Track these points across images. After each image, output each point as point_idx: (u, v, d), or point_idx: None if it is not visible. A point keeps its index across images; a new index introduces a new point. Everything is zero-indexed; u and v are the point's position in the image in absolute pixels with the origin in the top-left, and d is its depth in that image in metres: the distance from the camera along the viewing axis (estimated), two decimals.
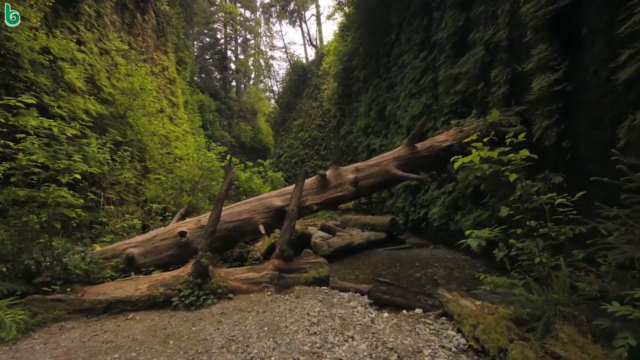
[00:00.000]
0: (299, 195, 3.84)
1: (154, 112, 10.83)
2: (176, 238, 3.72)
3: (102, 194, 6.59)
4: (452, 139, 4.60)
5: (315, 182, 4.20)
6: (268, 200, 3.99)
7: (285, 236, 3.70)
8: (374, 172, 4.28)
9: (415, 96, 10.03)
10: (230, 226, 3.81)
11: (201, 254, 3.13)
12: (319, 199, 4.08)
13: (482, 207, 6.10)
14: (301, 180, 3.86)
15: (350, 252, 6.83)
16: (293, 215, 3.78)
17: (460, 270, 5.34)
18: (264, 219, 3.90)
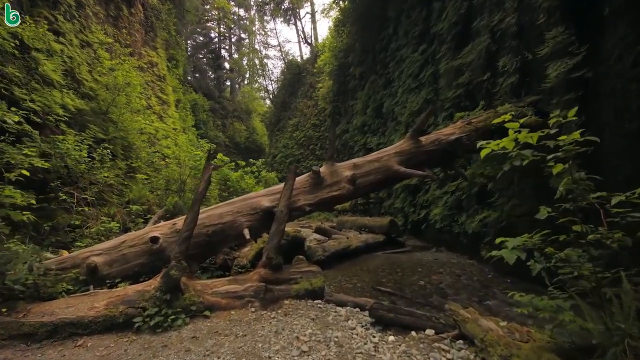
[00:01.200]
0: (288, 195, 3.35)
1: (140, 108, 10.27)
2: (147, 245, 3.21)
3: (76, 194, 6.04)
4: (460, 131, 4.14)
5: (308, 180, 3.71)
6: (254, 200, 3.50)
7: (273, 242, 3.21)
8: (374, 168, 3.80)
9: (414, 91, 9.59)
10: (210, 230, 3.31)
11: (171, 265, 2.62)
12: (312, 199, 3.60)
13: (489, 207, 5.65)
14: (291, 177, 3.38)
15: (347, 256, 6.35)
16: (282, 218, 3.29)
17: (468, 277, 4.87)
18: (249, 222, 3.40)
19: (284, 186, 3.43)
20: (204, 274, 3.62)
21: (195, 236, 3.29)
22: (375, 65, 13.44)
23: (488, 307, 3.71)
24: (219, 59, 42.79)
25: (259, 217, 3.44)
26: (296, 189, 3.61)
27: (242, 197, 3.63)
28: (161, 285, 2.60)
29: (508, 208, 5.23)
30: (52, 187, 5.79)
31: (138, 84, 9.38)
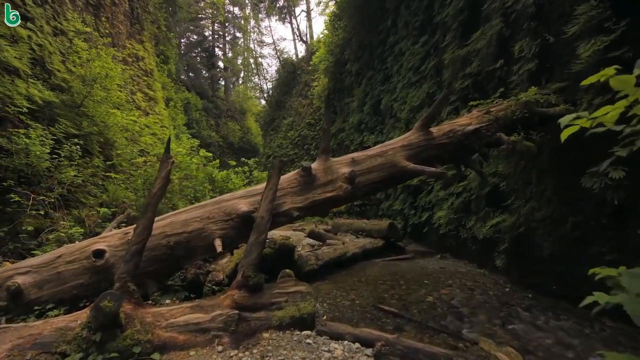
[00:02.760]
0: (271, 197, 2.68)
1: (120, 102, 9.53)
2: (89, 260, 2.52)
3: (32, 195, 5.31)
4: (477, 121, 3.50)
5: (297, 179, 3.04)
6: (229, 203, 2.82)
7: (251, 256, 2.54)
8: (377, 164, 3.14)
9: (414, 85, 8.97)
10: (173, 241, 2.63)
11: (104, 294, 1.93)
12: (301, 202, 2.93)
13: (503, 210, 5.02)
14: (275, 175, 2.71)
15: (343, 264, 5.70)
16: (263, 226, 2.62)
17: (482, 291, 4.23)
18: (222, 231, 2.73)
19: (266, 186, 2.76)
20: (164, 296, 2.93)
21: (152, 249, 2.61)
22: (372, 61, 12.84)
23: (514, 333, 3.06)
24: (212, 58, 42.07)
25: (235, 224, 2.76)
26: (282, 190, 2.94)
27: (215, 199, 2.95)
28: (89, 321, 1.91)
29: (525, 211, 4.60)
30: (4, 187, 5.06)
31: (117, 75, 8.61)
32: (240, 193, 2.96)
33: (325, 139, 3.09)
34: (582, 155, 3.79)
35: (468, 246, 5.83)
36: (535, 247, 4.36)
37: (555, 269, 4.11)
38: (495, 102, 4.08)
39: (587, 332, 3.09)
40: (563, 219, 4.06)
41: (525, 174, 4.77)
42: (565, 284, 3.96)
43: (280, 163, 2.78)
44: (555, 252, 4.11)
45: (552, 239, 4.19)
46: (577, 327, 3.19)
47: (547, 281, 4.19)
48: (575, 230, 3.92)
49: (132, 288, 2.23)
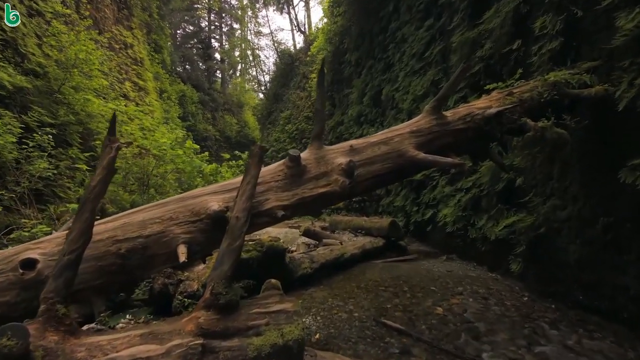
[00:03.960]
0: (249, 193, 2.14)
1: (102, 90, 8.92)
2: (15, 273, 1.99)
3: None
4: (499, 104, 2.96)
5: (283, 170, 2.49)
6: (198, 200, 2.27)
7: (223, 267, 2.01)
8: (380, 154, 2.60)
9: (418, 73, 8.39)
10: (125, 248, 2.09)
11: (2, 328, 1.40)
12: (287, 198, 2.38)
13: (519, 209, 4.49)
14: (254, 165, 2.17)
15: (340, 267, 5.18)
16: (238, 229, 2.08)
17: (498, 300, 3.71)
18: (188, 235, 2.18)
19: (243, 179, 2.21)
20: (116, 317, 2.40)
21: (97, 258, 2.07)
22: (373, 49, 12.24)
23: (544, 357, 2.54)
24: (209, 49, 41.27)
25: (205, 227, 2.22)
26: (264, 184, 2.39)
27: (181, 195, 2.40)
28: None
29: (546, 210, 4.07)
30: None
31: (96, 59, 7.98)
32: (212, 188, 2.41)
33: (318, 122, 2.54)
34: (619, 145, 3.26)
35: (477, 247, 5.31)
36: (559, 250, 3.85)
37: (582, 277, 3.59)
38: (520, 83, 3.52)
39: (632, 356, 2.57)
40: (592, 220, 3.54)
41: (546, 167, 4.24)
42: (594, 295, 3.45)
43: (260, 150, 2.23)
44: (582, 257, 3.59)
45: (579, 242, 3.66)
46: (617, 348, 2.68)
47: (572, 290, 3.68)
48: (608, 232, 3.39)
49: (61, 312, 1.70)
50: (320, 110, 2.58)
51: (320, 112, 2.58)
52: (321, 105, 2.58)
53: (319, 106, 2.58)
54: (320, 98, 2.57)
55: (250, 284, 4.17)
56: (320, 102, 2.59)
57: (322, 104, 2.58)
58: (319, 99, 2.59)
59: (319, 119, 2.59)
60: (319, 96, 2.57)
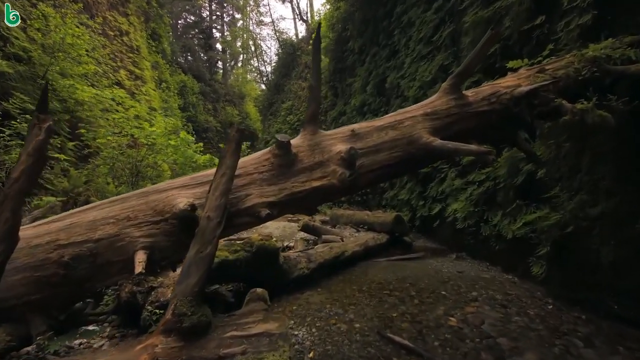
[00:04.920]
0: (225, 187, 1.70)
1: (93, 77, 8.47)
2: None
3: None
4: (529, 82, 2.49)
5: (269, 160, 2.05)
6: (163, 196, 1.84)
7: (189, 280, 1.59)
8: (388, 140, 2.15)
9: (425, 58, 7.87)
10: (69, 255, 1.67)
11: None
12: (274, 193, 1.94)
13: (541, 204, 4.03)
14: (231, 152, 1.73)
15: (340, 265, 4.77)
16: (210, 231, 1.65)
17: (519, 308, 3.28)
18: (149, 238, 1.76)
19: (217, 170, 1.78)
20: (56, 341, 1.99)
21: (34, 267, 1.66)
22: (377, 36, 11.68)
23: None
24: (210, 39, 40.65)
25: (170, 229, 1.80)
26: (245, 176, 1.96)
27: (143, 190, 1.96)
28: None
29: (573, 206, 3.60)
30: None
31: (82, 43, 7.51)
32: (182, 180, 1.98)
33: (313, 101, 2.09)
34: None
35: (490, 246, 4.87)
36: (589, 252, 3.39)
37: (617, 283, 3.15)
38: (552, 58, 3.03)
39: None
40: (630, 217, 3.08)
41: (573, 158, 3.76)
42: (632, 304, 3.01)
43: (238, 133, 1.79)
44: (617, 260, 3.14)
45: (614, 243, 3.21)
46: None
47: (605, 298, 3.23)
48: None
49: None
50: (315, 87, 2.13)
51: (316, 89, 2.12)
52: (317, 81, 2.12)
53: (314, 82, 2.12)
54: (316, 71, 2.12)
55: (240, 287, 3.77)
56: (316, 76, 2.13)
57: (317, 78, 2.13)
58: (315, 73, 2.14)
59: (313, 97, 2.14)
60: (315, 69, 2.12)
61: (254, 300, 2.11)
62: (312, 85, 2.14)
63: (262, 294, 2.16)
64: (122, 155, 6.29)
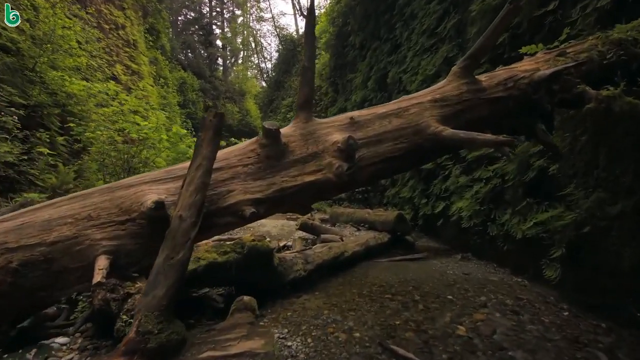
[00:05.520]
0: (201, 181, 1.45)
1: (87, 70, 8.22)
2: None
3: None
4: (548, 67, 2.23)
5: (255, 151, 1.80)
6: (131, 192, 1.58)
7: (157, 292, 1.34)
8: (392, 129, 1.89)
9: (429, 51, 7.60)
10: (18, 260, 1.41)
11: None
12: (261, 189, 1.69)
13: (554, 202, 3.77)
14: (207, 140, 1.46)
15: (340, 266, 4.53)
16: (183, 233, 1.40)
17: (533, 315, 3.03)
18: (114, 241, 1.51)
19: (192, 162, 1.52)
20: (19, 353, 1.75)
21: None
22: (378, 30, 11.42)
23: None
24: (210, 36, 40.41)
25: (138, 229, 1.55)
26: (227, 169, 1.70)
27: (108, 185, 1.70)
28: None
29: (589, 205, 3.33)
30: None
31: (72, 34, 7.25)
32: (154, 174, 1.72)
33: (306, 85, 1.83)
34: None
35: (498, 246, 4.61)
36: (608, 254, 3.14)
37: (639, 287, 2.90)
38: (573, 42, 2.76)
39: None
40: None
41: (589, 152, 3.49)
42: None
43: (217, 118, 1.53)
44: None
45: (636, 245, 2.96)
46: None
47: (626, 304, 2.98)
48: None
49: None
50: (308, 68, 1.87)
51: (309, 71, 1.87)
52: (310, 62, 1.87)
53: (308, 62, 1.87)
54: (309, 52, 1.86)
55: (232, 291, 3.54)
56: (309, 57, 1.87)
57: (311, 60, 1.87)
58: (308, 52, 1.88)
59: (306, 80, 1.88)
60: (308, 48, 1.86)
61: (240, 311, 1.86)
62: (305, 66, 1.88)
63: (250, 303, 1.91)
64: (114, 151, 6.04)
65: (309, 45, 1.87)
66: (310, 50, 1.88)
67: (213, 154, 1.54)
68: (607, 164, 3.31)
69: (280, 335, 2.53)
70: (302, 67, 1.90)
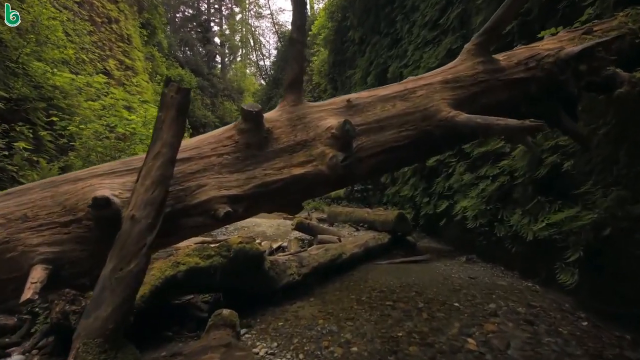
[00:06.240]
0: (160, 173, 1.16)
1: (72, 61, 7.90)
2: None
3: None
4: (573, 45, 1.94)
5: (232, 137, 1.51)
6: (78, 186, 1.30)
7: (100, 313, 1.05)
8: (396, 114, 1.61)
9: (431, 44, 7.30)
10: None
11: None
12: (239, 184, 1.40)
13: (568, 201, 3.49)
14: (169, 122, 1.17)
15: (337, 269, 4.24)
16: (135, 239, 1.10)
17: (549, 326, 2.74)
18: (54, 248, 1.22)
19: (149, 150, 1.23)
20: None
21: None
22: (378, 24, 11.12)
23: None
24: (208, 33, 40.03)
25: (85, 233, 1.25)
26: (199, 159, 1.41)
27: (51, 179, 1.41)
28: None
29: (609, 204, 3.05)
30: None
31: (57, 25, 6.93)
32: (109, 166, 1.43)
33: (295, 63, 1.52)
34: None
35: (506, 248, 4.33)
36: (630, 258, 2.86)
37: None
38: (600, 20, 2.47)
39: None
40: None
41: (608, 147, 3.21)
42: None
43: (182, 94, 1.22)
44: None
45: None
46: None
47: None
48: None
49: None
50: (297, 41, 1.56)
51: (298, 44, 1.56)
52: (300, 33, 1.56)
53: (297, 34, 1.56)
54: (299, 20, 1.55)
55: (219, 298, 3.25)
56: (299, 27, 1.56)
57: (301, 30, 1.57)
58: (297, 23, 1.57)
59: (296, 55, 1.57)
60: (296, 18, 1.55)
61: (218, 327, 1.57)
62: (294, 38, 1.58)
63: (229, 318, 1.63)
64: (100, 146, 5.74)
65: (298, 11, 1.57)
66: (299, 17, 1.57)
67: (176, 139, 1.24)
68: (629, 160, 3.04)
69: (268, 351, 2.24)
70: (290, 39, 1.58)
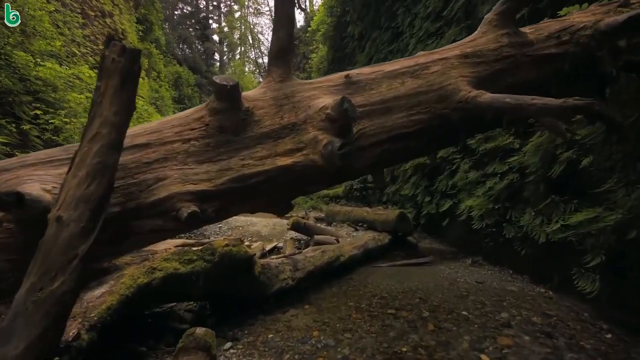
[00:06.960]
0: (99, 161, 0.88)
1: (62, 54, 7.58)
2: None
3: None
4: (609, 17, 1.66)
5: (202, 119, 1.21)
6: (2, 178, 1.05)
7: (9, 349, 0.77)
8: (405, 93, 1.31)
9: (433, 36, 7.02)
10: None
11: None
12: (208, 177, 1.11)
13: (583, 201, 3.21)
14: (110, 93, 0.90)
15: (335, 273, 3.96)
16: (64, 246, 0.83)
17: (569, 338, 2.47)
18: None
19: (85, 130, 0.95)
20: None
21: None
22: (378, 18, 10.86)
23: None
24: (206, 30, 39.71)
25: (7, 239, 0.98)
26: (159, 145, 1.12)
27: None
28: None
29: (632, 204, 2.78)
30: None
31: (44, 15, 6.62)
32: (45, 154, 1.13)
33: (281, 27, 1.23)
34: None
35: (515, 250, 4.05)
36: None
37: None
38: None
39: None
40: None
41: (630, 142, 2.93)
42: None
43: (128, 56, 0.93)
44: None
45: None
46: None
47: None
48: None
49: None
50: (285, 2, 1.27)
51: (286, 4, 1.27)
52: None
53: None
54: None
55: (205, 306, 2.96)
56: None
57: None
58: None
59: (282, 17, 1.28)
60: None
61: (188, 351, 1.29)
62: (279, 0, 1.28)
63: (204, 339, 1.34)
64: None
65: None
66: None
67: (121, 117, 0.95)
68: None
69: None
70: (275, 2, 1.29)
